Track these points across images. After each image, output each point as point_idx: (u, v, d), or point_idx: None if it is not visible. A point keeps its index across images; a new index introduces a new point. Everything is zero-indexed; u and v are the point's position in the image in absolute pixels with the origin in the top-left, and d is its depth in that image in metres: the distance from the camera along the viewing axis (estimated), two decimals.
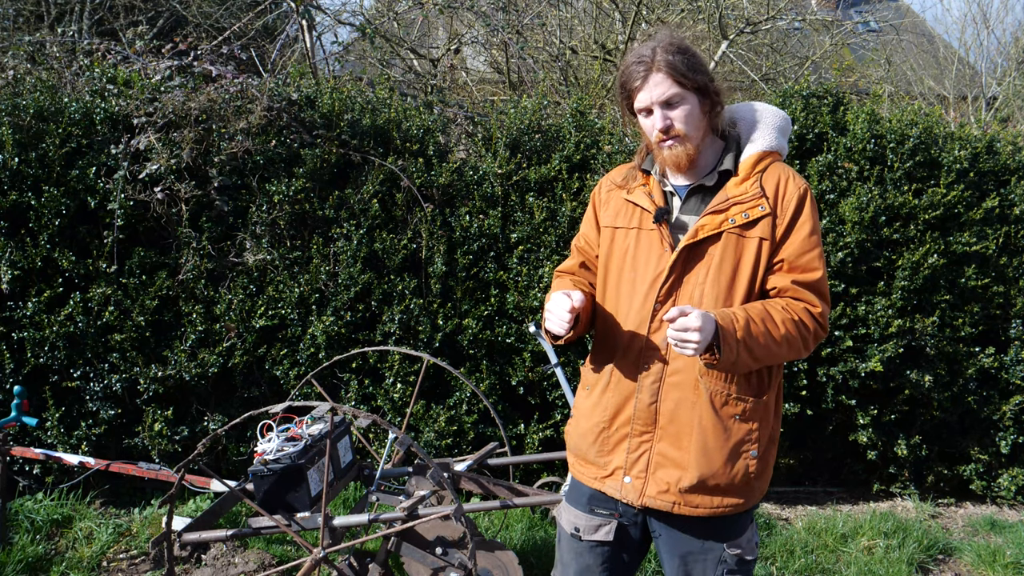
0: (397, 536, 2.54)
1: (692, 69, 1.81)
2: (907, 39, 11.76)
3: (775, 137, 1.89)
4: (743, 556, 1.89)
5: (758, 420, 1.84)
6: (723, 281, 1.81)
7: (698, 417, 1.82)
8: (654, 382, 1.86)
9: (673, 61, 1.80)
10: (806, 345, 1.81)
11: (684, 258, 1.84)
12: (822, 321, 1.82)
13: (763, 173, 1.85)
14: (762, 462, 1.86)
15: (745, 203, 1.81)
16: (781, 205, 1.82)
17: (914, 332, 4.09)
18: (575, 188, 4.03)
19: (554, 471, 4.06)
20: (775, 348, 1.76)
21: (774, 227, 1.81)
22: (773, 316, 1.77)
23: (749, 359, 1.74)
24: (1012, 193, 4.27)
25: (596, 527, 1.96)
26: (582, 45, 7.79)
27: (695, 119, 1.84)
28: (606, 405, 1.93)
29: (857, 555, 3.66)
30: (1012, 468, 4.32)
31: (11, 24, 7.57)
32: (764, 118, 1.92)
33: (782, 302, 1.80)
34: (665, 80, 1.81)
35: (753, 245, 1.81)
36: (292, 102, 3.96)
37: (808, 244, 1.81)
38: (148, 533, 3.57)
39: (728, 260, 1.81)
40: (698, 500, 1.84)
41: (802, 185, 1.84)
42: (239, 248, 3.86)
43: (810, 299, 1.80)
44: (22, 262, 3.66)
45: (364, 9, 6.79)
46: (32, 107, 3.69)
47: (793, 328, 1.77)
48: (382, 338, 3.89)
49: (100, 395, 3.77)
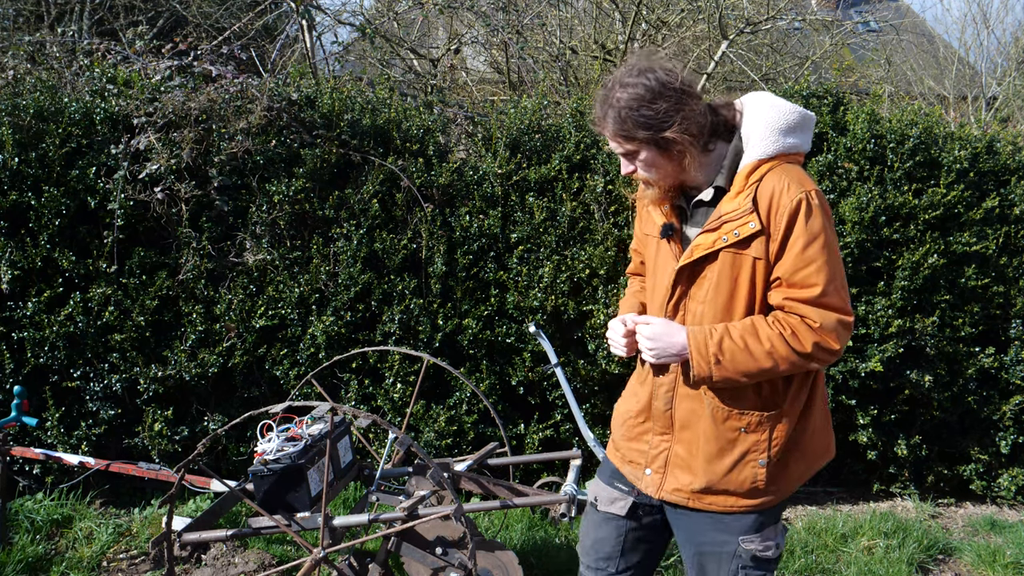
0: (397, 536, 2.54)
1: (642, 127, 1.73)
2: (907, 39, 11.76)
3: (774, 139, 1.76)
4: (758, 553, 1.87)
5: (769, 431, 1.81)
6: (720, 300, 1.80)
7: (703, 428, 1.85)
8: (668, 391, 1.91)
9: (621, 119, 1.74)
10: (809, 358, 1.74)
11: (687, 275, 1.84)
12: (827, 334, 1.72)
13: (758, 184, 1.74)
14: (775, 469, 1.84)
15: (735, 220, 1.74)
16: (774, 221, 1.72)
17: (914, 332, 4.09)
18: (575, 188, 4.03)
19: (554, 471, 4.06)
20: (764, 363, 1.72)
21: (767, 245, 1.73)
22: (758, 332, 1.73)
23: (734, 374, 1.74)
24: (1012, 193, 4.27)
25: (612, 499, 2.03)
26: (582, 45, 7.79)
27: (658, 166, 1.79)
28: (639, 397, 2.01)
29: (857, 555, 3.66)
30: (1012, 468, 4.32)
31: (11, 24, 7.57)
32: (765, 119, 1.78)
33: (772, 318, 1.76)
34: (613, 140, 1.81)
35: (748, 263, 1.76)
36: (292, 102, 3.96)
37: (803, 260, 1.71)
38: (148, 533, 3.57)
39: (725, 279, 1.78)
40: (710, 499, 1.87)
41: (797, 195, 1.71)
42: (239, 248, 3.86)
43: (807, 312, 1.72)
44: (22, 262, 3.66)
45: (364, 9, 6.78)
46: (32, 107, 3.69)
47: (781, 344, 1.72)
48: (382, 338, 3.89)
49: (100, 395, 3.77)
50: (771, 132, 1.77)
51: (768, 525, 1.89)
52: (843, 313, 1.74)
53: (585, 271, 3.94)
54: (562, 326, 4.03)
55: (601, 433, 4.02)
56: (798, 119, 1.79)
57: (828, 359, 1.76)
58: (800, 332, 1.72)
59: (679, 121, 1.72)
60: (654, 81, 1.73)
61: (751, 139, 1.78)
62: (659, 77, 1.74)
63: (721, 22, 6.99)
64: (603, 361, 3.97)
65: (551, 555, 3.46)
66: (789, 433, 1.84)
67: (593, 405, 4.05)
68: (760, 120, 1.78)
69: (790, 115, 1.78)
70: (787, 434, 1.83)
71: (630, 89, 1.74)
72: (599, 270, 3.95)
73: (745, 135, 1.80)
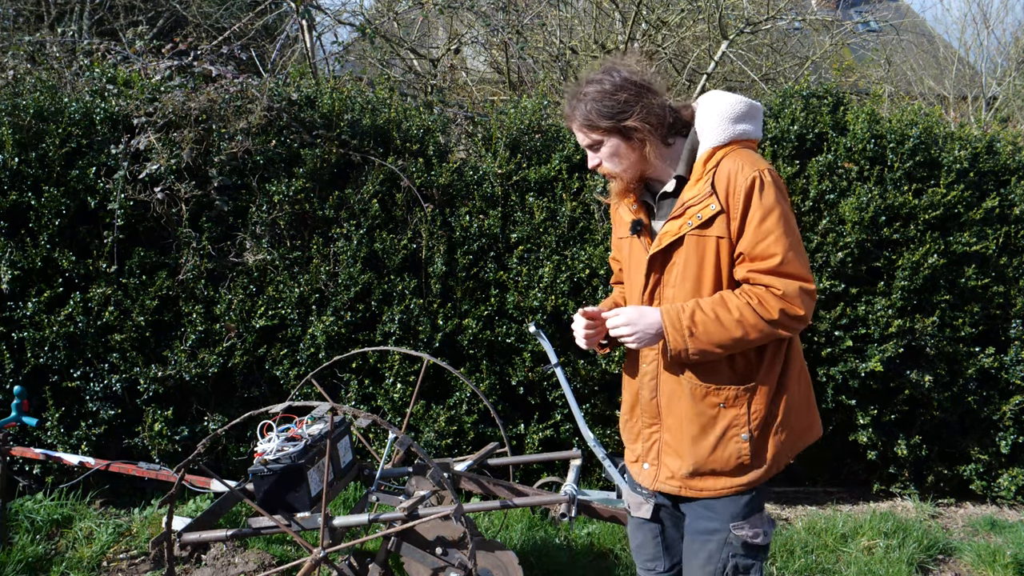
0: (397, 536, 2.54)
1: (606, 116, 1.89)
2: (907, 39, 11.76)
3: (725, 127, 1.89)
4: (749, 540, 1.93)
5: (747, 404, 1.91)
6: (688, 283, 1.91)
7: (684, 409, 1.96)
8: (651, 379, 2.03)
9: (587, 111, 1.91)
10: (776, 324, 1.82)
11: (659, 264, 1.96)
12: (791, 300, 1.82)
13: (716, 170, 1.86)
14: (757, 443, 1.92)
15: (697, 204, 1.86)
16: (732, 200, 1.84)
17: (914, 332, 4.09)
18: (575, 188, 4.03)
19: (554, 471, 4.06)
20: (735, 331, 1.82)
21: (728, 223, 1.85)
22: (727, 302, 1.83)
23: (708, 345, 1.84)
24: (1012, 193, 4.27)
25: (639, 505, 2.15)
26: (582, 45, 7.79)
27: (621, 155, 1.94)
28: (626, 397, 2.13)
29: (857, 555, 3.66)
30: (1012, 468, 4.32)
31: (11, 24, 7.57)
32: (715, 110, 1.91)
33: (739, 290, 1.86)
34: (579, 132, 1.97)
35: (712, 244, 1.87)
36: (292, 102, 3.96)
37: (761, 233, 1.82)
38: (148, 533, 3.57)
39: (692, 261, 1.90)
40: (700, 484, 1.96)
41: (750, 175, 1.83)
42: (239, 248, 3.86)
43: (770, 282, 1.82)
44: (22, 262, 3.66)
45: (364, 9, 6.78)
46: (32, 107, 3.69)
47: (749, 312, 1.81)
48: (382, 338, 3.89)
49: (100, 395, 3.77)
50: (722, 121, 1.90)
51: (755, 512, 1.97)
52: (804, 280, 1.84)
53: (585, 271, 3.95)
54: (562, 326, 4.03)
55: (601, 433, 4.02)
56: (746, 108, 1.92)
57: (795, 325, 1.86)
58: (766, 300, 1.82)
59: (639, 111, 1.89)
60: (617, 77, 1.92)
61: (705, 130, 1.92)
62: (622, 74, 1.92)
63: (721, 22, 6.99)
64: (603, 361, 3.97)
65: (551, 555, 3.46)
66: (768, 405, 1.92)
67: (593, 405, 4.05)
68: (712, 112, 1.92)
69: (738, 104, 1.92)
70: (766, 406, 1.91)
71: (595, 84, 1.92)
72: (599, 270, 3.95)
73: (699, 128, 1.94)
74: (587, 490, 2.91)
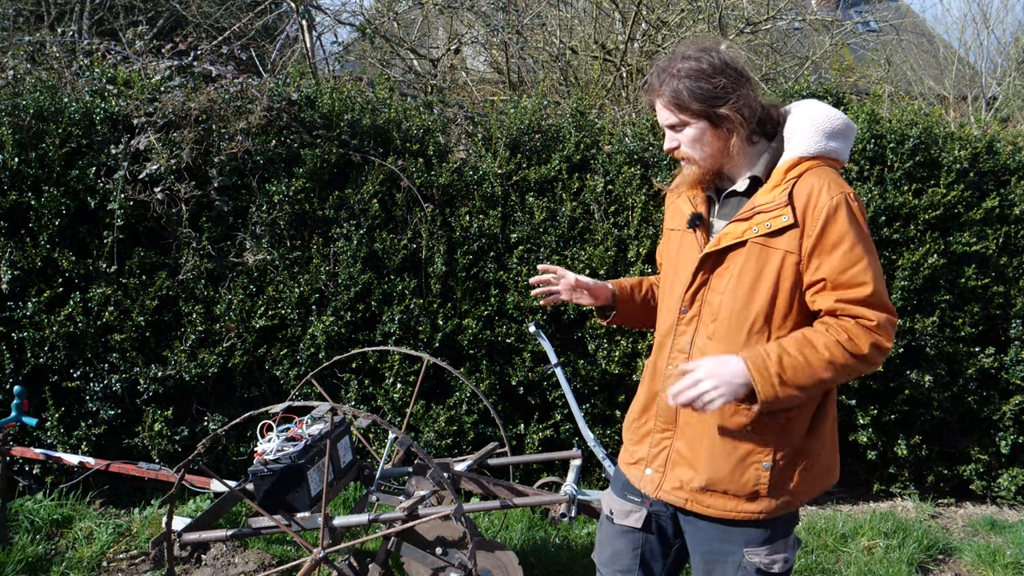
0: (397, 536, 2.54)
1: (698, 98, 1.74)
2: (907, 39, 11.76)
3: (817, 140, 1.76)
4: (763, 567, 1.82)
5: (777, 432, 1.78)
6: (742, 292, 1.76)
7: (708, 420, 1.82)
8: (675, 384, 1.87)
9: (678, 89, 1.75)
10: (865, 361, 1.70)
11: (711, 265, 1.82)
12: (882, 333, 1.69)
13: (797, 180, 1.73)
14: (779, 475, 1.79)
15: (769, 212, 1.73)
16: (810, 217, 1.70)
17: (914, 332, 4.09)
18: (575, 188, 4.03)
19: (554, 471, 4.06)
20: (824, 373, 1.68)
21: (801, 240, 1.71)
22: (813, 342, 1.68)
23: (796, 391, 1.68)
24: (1012, 193, 4.27)
25: (627, 512, 2.00)
26: (582, 45, 7.78)
27: (704, 143, 1.79)
28: (641, 397, 2.00)
29: (857, 555, 3.66)
30: (1012, 468, 4.32)
31: (11, 24, 7.57)
32: (810, 119, 1.79)
33: (824, 325, 1.71)
34: (664, 110, 1.81)
35: (777, 257, 1.73)
36: (292, 102, 3.96)
37: (850, 259, 1.68)
38: (148, 533, 3.57)
39: (749, 270, 1.75)
40: (710, 501, 1.83)
41: (837, 195, 1.69)
42: (239, 248, 3.86)
43: (862, 312, 1.68)
44: (22, 262, 3.66)
45: (364, 9, 6.79)
46: (32, 107, 3.69)
47: (839, 351, 1.67)
48: (382, 338, 3.89)
49: (100, 395, 3.77)
50: (816, 132, 1.77)
51: (777, 539, 1.84)
52: (891, 312, 1.72)
53: (585, 271, 3.94)
54: (562, 326, 4.03)
55: (601, 433, 4.02)
56: (842, 126, 1.79)
57: (879, 360, 1.73)
58: (856, 335, 1.68)
59: (735, 99, 1.75)
60: (716, 58, 1.76)
61: (795, 137, 1.79)
62: (721, 56, 1.77)
63: (721, 22, 6.99)
64: (603, 361, 3.97)
65: (551, 555, 3.46)
66: (800, 438, 1.80)
67: (593, 405, 4.05)
68: (807, 120, 1.79)
69: (835, 120, 1.79)
70: (798, 439, 1.79)
71: (692, 62, 1.76)
72: (599, 270, 3.95)
73: (788, 134, 1.81)
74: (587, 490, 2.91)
